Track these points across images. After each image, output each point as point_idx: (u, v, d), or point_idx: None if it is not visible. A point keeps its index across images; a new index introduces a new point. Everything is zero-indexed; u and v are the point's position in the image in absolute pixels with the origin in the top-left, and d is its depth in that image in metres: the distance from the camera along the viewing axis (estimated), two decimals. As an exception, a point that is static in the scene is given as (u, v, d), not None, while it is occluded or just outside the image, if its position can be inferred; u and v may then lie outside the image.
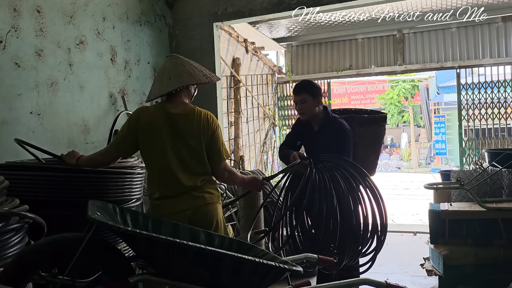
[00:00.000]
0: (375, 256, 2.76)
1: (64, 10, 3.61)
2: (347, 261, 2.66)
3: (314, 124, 3.19)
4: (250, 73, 7.69)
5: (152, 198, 2.52)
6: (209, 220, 2.46)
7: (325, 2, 4.60)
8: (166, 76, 2.53)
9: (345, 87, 19.15)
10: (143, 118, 2.50)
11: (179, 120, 2.50)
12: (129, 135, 2.50)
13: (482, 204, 3.37)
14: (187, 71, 2.55)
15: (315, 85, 3.20)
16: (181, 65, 2.58)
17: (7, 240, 1.96)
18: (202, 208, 2.47)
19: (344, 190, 2.66)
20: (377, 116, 3.62)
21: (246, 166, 7.15)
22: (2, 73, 3.07)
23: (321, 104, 3.18)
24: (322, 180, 2.65)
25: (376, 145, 3.46)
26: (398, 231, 6.49)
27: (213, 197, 2.54)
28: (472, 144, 7.71)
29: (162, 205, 2.46)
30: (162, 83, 2.55)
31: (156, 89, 2.58)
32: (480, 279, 3.30)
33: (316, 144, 3.12)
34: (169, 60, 2.65)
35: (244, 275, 1.63)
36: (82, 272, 1.82)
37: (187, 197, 2.45)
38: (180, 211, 2.40)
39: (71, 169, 2.60)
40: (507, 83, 7.55)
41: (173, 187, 2.45)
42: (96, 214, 1.67)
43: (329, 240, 2.61)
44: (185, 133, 2.49)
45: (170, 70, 2.55)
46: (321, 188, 2.62)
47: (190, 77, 2.54)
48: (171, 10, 5.11)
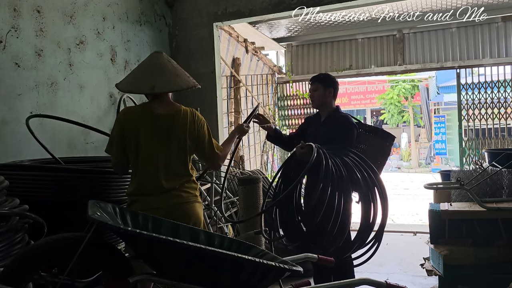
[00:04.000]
0: (374, 248, 2.82)
1: (64, 10, 3.61)
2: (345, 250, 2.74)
3: (322, 115, 3.34)
4: (250, 73, 7.69)
5: (130, 195, 2.50)
6: (186, 219, 2.40)
7: (325, 2, 4.60)
8: (169, 71, 2.49)
9: (345, 87, 19.13)
10: (129, 118, 2.49)
11: (166, 122, 2.48)
12: (118, 136, 2.49)
13: (482, 204, 3.37)
14: (187, 74, 2.57)
15: (329, 77, 3.36)
16: (177, 66, 2.57)
17: (7, 240, 1.96)
18: (179, 206, 2.46)
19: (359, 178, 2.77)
20: (384, 131, 3.55)
21: (246, 166, 7.15)
22: (2, 73, 3.07)
23: (334, 96, 3.32)
24: (333, 166, 2.73)
25: (377, 157, 3.39)
26: (398, 231, 6.49)
27: (189, 196, 2.51)
28: (472, 144, 7.71)
29: (137, 201, 2.45)
30: (165, 77, 2.47)
31: (159, 81, 2.46)
32: (480, 279, 3.29)
33: (320, 133, 3.23)
34: (161, 56, 2.57)
35: (244, 275, 1.63)
36: (82, 272, 1.83)
37: (164, 196, 2.44)
38: (155, 208, 2.36)
39: (71, 169, 2.60)
40: (507, 83, 7.55)
41: (152, 187, 2.44)
42: (96, 214, 1.67)
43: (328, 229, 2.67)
44: (171, 135, 2.48)
45: (172, 68, 2.52)
46: (335, 175, 2.69)
47: (190, 78, 2.55)
48: (171, 10, 5.11)
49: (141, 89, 2.52)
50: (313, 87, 3.33)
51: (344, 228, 2.77)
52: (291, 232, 2.98)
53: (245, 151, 7.31)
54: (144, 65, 2.59)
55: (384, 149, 3.33)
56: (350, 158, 2.85)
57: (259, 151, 8.13)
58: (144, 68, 2.57)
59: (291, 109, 8.91)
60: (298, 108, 8.88)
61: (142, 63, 2.64)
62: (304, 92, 8.76)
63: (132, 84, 2.56)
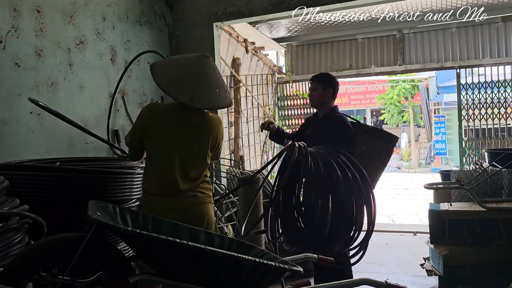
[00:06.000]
0: (366, 244, 2.82)
1: (64, 10, 3.61)
2: (340, 248, 2.74)
3: (320, 115, 3.36)
4: (250, 73, 7.69)
5: (147, 193, 2.52)
6: (200, 219, 2.45)
7: (325, 2, 4.60)
8: (212, 85, 2.43)
9: (345, 87, 19.14)
10: (154, 114, 2.49)
11: (190, 124, 2.48)
12: (139, 131, 2.49)
13: (482, 204, 3.37)
14: (225, 88, 2.55)
15: (329, 77, 3.36)
16: (219, 76, 2.53)
17: (7, 240, 1.95)
18: (193, 206, 2.48)
19: (339, 177, 2.77)
20: (386, 132, 3.46)
21: (246, 166, 7.15)
22: (2, 73, 3.07)
23: (333, 97, 3.32)
24: (315, 165, 2.74)
25: (377, 159, 3.34)
26: (398, 231, 6.50)
27: (204, 197, 2.54)
28: (472, 144, 7.71)
29: (154, 200, 2.46)
30: (206, 91, 2.41)
31: (199, 94, 2.39)
32: (480, 279, 3.30)
33: (315, 132, 3.26)
34: (208, 62, 2.48)
35: (244, 275, 1.63)
36: (82, 272, 1.83)
37: (180, 196, 2.46)
38: (171, 208, 2.39)
39: (71, 169, 2.60)
40: (507, 83, 7.55)
41: (169, 188, 2.45)
42: (96, 214, 1.67)
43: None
44: (193, 137, 2.48)
45: (214, 80, 2.46)
46: (313, 173, 2.70)
47: (227, 93, 2.55)
48: (171, 10, 5.12)
49: (179, 95, 2.38)
50: (312, 86, 3.34)
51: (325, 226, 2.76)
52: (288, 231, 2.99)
53: (245, 151, 7.31)
54: (188, 67, 2.47)
55: (385, 150, 3.32)
56: (336, 158, 2.84)
57: (259, 151, 8.13)
58: (187, 71, 2.45)
59: (291, 109, 8.91)
60: (298, 108, 8.88)
61: (187, 62, 2.52)
62: (304, 92, 8.76)
63: (171, 84, 2.41)
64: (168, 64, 2.58)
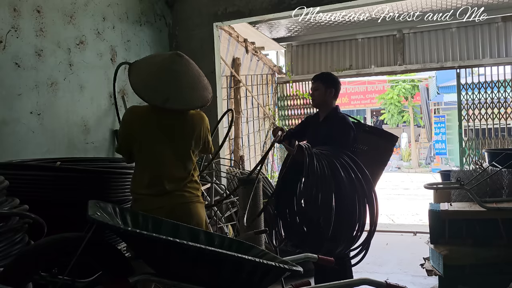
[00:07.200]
0: (368, 244, 2.83)
1: (64, 10, 3.61)
2: (342, 248, 2.74)
3: (321, 115, 3.33)
4: (250, 73, 7.69)
5: (135, 193, 2.51)
6: (188, 218, 2.41)
7: (325, 2, 4.60)
8: (186, 85, 2.43)
9: (345, 87, 19.12)
10: (135, 117, 2.48)
11: (172, 123, 2.48)
12: (124, 135, 2.51)
13: (482, 204, 3.37)
14: (203, 86, 2.52)
15: (331, 77, 3.34)
16: (196, 74, 2.53)
17: (7, 240, 1.95)
18: (181, 206, 2.46)
19: (343, 178, 2.78)
20: (386, 132, 3.50)
21: (246, 166, 7.15)
22: (2, 73, 3.07)
23: (335, 97, 3.30)
24: (320, 167, 2.75)
25: (378, 158, 3.35)
26: (398, 231, 6.49)
27: (192, 197, 2.52)
28: (472, 144, 7.71)
29: (143, 200, 2.45)
30: (181, 91, 2.41)
31: (174, 94, 2.39)
32: (480, 279, 3.30)
33: (317, 133, 3.24)
34: (181, 61, 2.48)
35: (244, 275, 1.63)
36: (82, 272, 1.83)
37: (167, 196, 2.45)
38: (159, 207, 2.38)
39: (71, 169, 2.60)
40: (507, 83, 7.55)
41: (156, 189, 2.44)
42: (96, 214, 1.67)
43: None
44: (176, 136, 2.48)
45: (190, 78, 2.46)
46: (319, 174, 2.69)
47: (206, 91, 2.52)
48: (171, 10, 5.11)
49: (153, 99, 2.38)
50: (314, 86, 3.32)
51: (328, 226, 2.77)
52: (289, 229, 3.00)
53: (245, 151, 7.31)
54: (161, 68, 2.46)
55: (385, 150, 3.32)
56: (340, 159, 2.84)
57: (259, 151, 8.13)
58: (160, 72, 2.44)
59: (291, 109, 8.91)
60: (298, 108, 8.88)
61: (160, 62, 2.50)
62: (304, 92, 8.76)
63: (145, 87, 2.40)
64: (142, 66, 2.55)
